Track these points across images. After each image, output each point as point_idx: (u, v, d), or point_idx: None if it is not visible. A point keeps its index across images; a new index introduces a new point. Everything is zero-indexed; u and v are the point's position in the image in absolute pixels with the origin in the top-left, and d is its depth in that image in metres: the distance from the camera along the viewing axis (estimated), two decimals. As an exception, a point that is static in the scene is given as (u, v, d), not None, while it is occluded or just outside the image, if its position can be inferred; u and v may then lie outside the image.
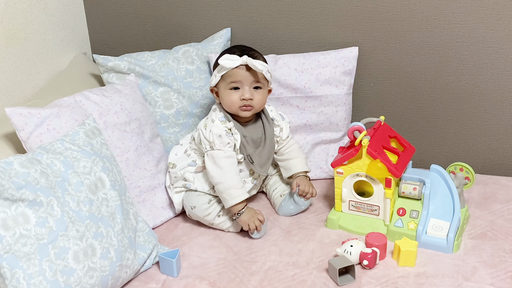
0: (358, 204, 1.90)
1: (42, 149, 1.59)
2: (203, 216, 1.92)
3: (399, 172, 1.80)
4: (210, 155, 1.87)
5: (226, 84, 1.87)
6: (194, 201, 1.93)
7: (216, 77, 1.88)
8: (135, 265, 1.69)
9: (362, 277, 1.69)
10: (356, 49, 2.15)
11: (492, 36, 2.04)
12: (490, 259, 1.73)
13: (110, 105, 1.90)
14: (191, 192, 1.95)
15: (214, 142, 1.86)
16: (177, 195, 1.97)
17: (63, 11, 2.27)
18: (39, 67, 2.14)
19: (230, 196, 1.85)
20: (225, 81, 1.87)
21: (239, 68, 1.85)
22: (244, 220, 1.85)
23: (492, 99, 2.12)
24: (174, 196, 1.97)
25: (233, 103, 1.88)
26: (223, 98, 1.89)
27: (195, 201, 1.93)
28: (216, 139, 1.86)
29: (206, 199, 1.93)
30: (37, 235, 1.44)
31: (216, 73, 1.88)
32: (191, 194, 1.94)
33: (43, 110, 1.76)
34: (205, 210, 1.91)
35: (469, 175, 1.94)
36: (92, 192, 1.60)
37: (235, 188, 1.86)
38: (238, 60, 1.83)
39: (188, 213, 1.96)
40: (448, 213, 1.81)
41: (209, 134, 1.87)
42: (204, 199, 1.93)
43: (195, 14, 2.30)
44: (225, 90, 1.88)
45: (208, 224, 1.94)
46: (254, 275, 1.72)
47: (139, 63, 2.13)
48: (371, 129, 1.89)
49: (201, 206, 1.92)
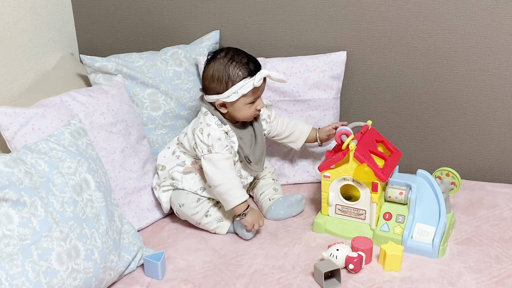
0: (345, 208, 1.90)
1: (26, 149, 1.58)
2: (190, 214, 1.91)
3: (385, 176, 1.81)
4: (208, 159, 1.85)
5: (248, 100, 1.85)
6: (183, 199, 1.92)
7: (238, 94, 1.83)
8: (119, 267, 1.67)
9: (347, 281, 1.68)
10: (345, 53, 2.15)
11: (480, 42, 2.05)
12: (475, 265, 1.74)
13: (96, 106, 1.89)
14: (180, 191, 1.94)
15: (213, 146, 1.85)
16: (165, 194, 1.96)
17: (51, 11, 2.26)
18: (25, 67, 2.12)
19: (233, 196, 1.84)
20: (248, 98, 1.85)
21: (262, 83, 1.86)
22: (250, 221, 1.84)
23: (479, 105, 2.13)
24: (161, 195, 1.96)
25: (250, 115, 1.89)
26: (239, 111, 1.87)
27: (184, 199, 1.92)
28: (215, 142, 1.85)
29: (195, 198, 1.92)
30: (20, 236, 1.43)
31: (237, 91, 1.82)
32: (180, 192, 1.93)
33: (29, 110, 1.74)
34: (193, 208, 1.90)
35: (455, 180, 1.95)
36: (77, 193, 1.58)
37: (237, 188, 1.85)
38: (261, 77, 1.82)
39: (176, 211, 1.95)
40: (434, 218, 1.82)
41: (207, 138, 1.85)
42: (193, 197, 1.92)
43: (184, 16, 2.30)
44: (244, 105, 1.86)
45: (195, 224, 1.93)
46: (240, 278, 1.71)
47: (126, 64, 2.11)
48: (359, 133, 1.89)
49: (189, 204, 1.90)
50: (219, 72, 1.84)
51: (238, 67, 1.84)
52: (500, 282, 1.67)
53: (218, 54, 1.88)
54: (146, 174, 2.00)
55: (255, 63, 1.87)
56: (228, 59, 1.85)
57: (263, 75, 1.83)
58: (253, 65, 1.86)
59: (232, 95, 1.84)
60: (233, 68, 1.83)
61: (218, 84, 1.85)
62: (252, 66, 1.85)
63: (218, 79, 1.84)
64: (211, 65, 1.87)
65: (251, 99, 1.86)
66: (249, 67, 1.84)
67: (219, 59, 1.86)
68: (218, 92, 1.86)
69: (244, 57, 1.86)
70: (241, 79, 1.83)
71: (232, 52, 1.87)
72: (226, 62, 1.84)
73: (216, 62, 1.86)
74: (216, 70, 1.85)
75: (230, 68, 1.83)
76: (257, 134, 1.95)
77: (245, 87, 1.83)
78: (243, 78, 1.83)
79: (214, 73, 1.85)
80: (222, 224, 1.91)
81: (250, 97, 1.85)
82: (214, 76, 1.85)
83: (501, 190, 2.10)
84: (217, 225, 1.91)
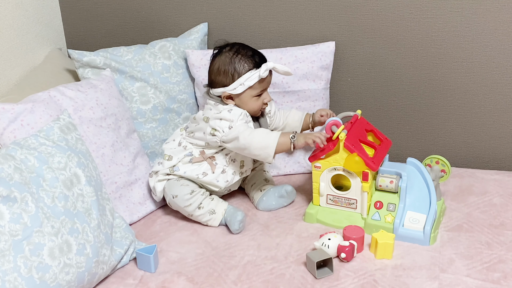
0: (336, 198, 1.90)
1: (16, 145, 1.57)
2: (183, 206, 1.91)
3: (376, 165, 1.81)
4: (230, 133, 1.85)
5: (254, 92, 1.88)
6: (177, 191, 1.92)
7: (244, 85, 1.85)
8: (112, 261, 1.67)
9: (340, 270, 1.69)
10: (333, 43, 2.15)
11: (468, 30, 2.06)
12: (466, 251, 1.75)
13: (85, 100, 1.88)
14: (174, 182, 1.94)
15: (235, 121, 1.86)
16: (160, 184, 1.96)
17: (38, 6, 2.24)
18: (13, 63, 2.10)
19: (269, 141, 1.82)
20: (255, 90, 1.88)
21: (268, 75, 1.88)
22: (303, 141, 1.82)
23: (468, 93, 2.14)
24: (157, 184, 1.96)
25: (257, 108, 1.92)
26: (247, 104, 1.89)
27: (178, 190, 1.91)
28: (237, 117, 1.86)
29: (189, 190, 1.92)
30: (11, 232, 1.42)
31: (244, 82, 1.85)
32: (174, 183, 1.93)
33: (17, 106, 1.73)
34: (186, 200, 1.90)
35: (445, 167, 1.96)
36: (67, 187, 1.58)
37: (266, 134, 1.84)
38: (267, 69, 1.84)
39: (169, 202, 1.95)
40: (424, 206, 1.83)
41: (228, 113, 1.87)
42: (187, 189, 1.92)
43: (171, 9, 2.29)
44: (250, 98, 1.88)
45: (187, 215, 1.94)
46: (233, 270, 1.72)
47: (115, 58, 2.11)
48: (348, 123, 1.89)
49: (183, 196, 1.90)
50: (225, 65, 1.87)
51: (243, 59, 1.87)
52: (491, 267, 1.68)
53: (223, 48, 1.91)
54: (137, 167, 2.00)
55: (261, 56, 1.91)
56: (233, 52, 1.88)
57: (269, 66, 1.86)
58: (258, 57, 1.89)
59: (238, 87, 1.86)
60: (238, 60, 1.87)
61: (224, 77, 1.87)
62: (258, 59, 1.89)
63: (224, 72, 1.87)
64: (217, 59, 1.90)
65: (258, 91, 1.88)
66: (255, 59, 1.87)
67: (225, 52, 1.89)
68: (224, 84, 1.88)
69: (250, 50, 1.90)
70: (247, 70, 1.86)
71: (237, 46, 1.90)
72: (231, 55, 1.87)
73: (222, 56, 1.89)
74: (222, 63, 1.88)
75: (236, 60, 1.87)
76: (262, 126, 1.97)
77: (251, 78, 1.85)
78: (249, 70, 1.86)
79: (220, 67, 1.88)
80: (214, 216, 1.91)
81: (257, 89, 1.88)
82: (220, 69, 1.88)
83: (490, 176, 2.11)
84: (209, 217, 1.91)
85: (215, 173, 1.94)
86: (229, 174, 1.96)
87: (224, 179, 1.95)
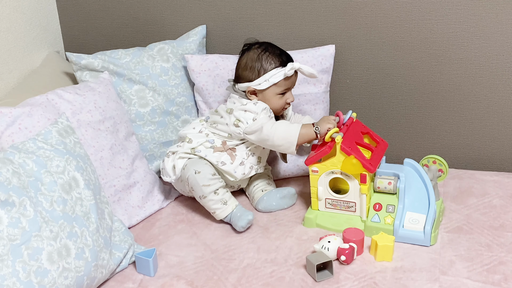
0: (335, 202, 1.90)
1: (14, 149, 1.56)
2: (202, 184, 1.90)
3: (373, 167, 1.81)
4: (253, 124, 1.89)
5: (278, 90, 1.92)
6: (201, 167, 1.91)
7: (269, 81, 1.90)
8: (111, 265, 1.66)
9: (340, 272, 1.69)
10: (333, 47, 2.15)
11: (467, 32, 2.06)
12: (466, 253, 1.74)
13: (83, 104, 1.88)
14: (199, 159, 1.94)
15: (259, 113, 1.89)
16: (180, 161, 1.96)
17: (35, 9, 2.24)
18: (10, 66, 2.10)
19: (294, 129, 1.86)
20: (279, 87, 1.92)
21: (293, 75, 1.92)
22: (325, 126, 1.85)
23: (467, 94, 2.14)
24: (177, 161, 1.96)
25: (280, 107, 1.96)
26: (270, 101, 1.93)
27: (202, 167, 1.91)
28: (261, 110, 1.90)
29: (212, 171, 1.92)
30: (9, 236, 1.41)
31: (269, 79, 1.90)
32: (198, 160, 1.94)
33: (15, 109, 1.73)
34: (208, 180, 1.90)
35: (442, 167, 1.95)
36: (66, 191, 1.57)
37: (288, 123, 1.89)
38: (292, 68, 1.88)
39: (187, 178, 1.92)
40: (423, 206, 1.82)
41: (254, 106, 1.90)
42: (211, 169, 1.92)
43: (170, 11, 2.28)
44: (274, 95, 1.93)
45: (198, 197, 1.93)
46: (232, 273, 1.71)
47: (113, 60, 2.10)
48: (344, 126, 1.89)
49: (206, 174, 1.90)
50: (252, 60, 1.93)
51: (271, 56, 1.93)
52: (491, 269, 1.68)
53: (253, 45, 1.97)
54: (135, 171, 1.99)
55: (288, 56, 1.96)
56: (262, 49, 1.94)
57: (295, 66, 1.90)
58: (285, 56, 1.94)
59: (263, 82, 1.91)
60: (266, 57, 1.92)
61: (250, 72, 1.92)
62: (285, 58, 1.94)
63: (251, 67, 1.92)
64: (245, 55, 1.96)
65: (282, 89, 1.92)
66: (282, 58, 1.93)
67: (254, 49, 1.96)
68: (250, 79, 1.93)
69: (278, 49, 1.96)
70: (273, 68, 1.91)
71: (266, 44, 1.97)
72: (260, 52, 1.94)
73: (250, 52, 1.95)
74: (250, 59, 1.93)
75: (263, 57, 1.92)
76: None
77: (277, 75, 1.89)
78: (275, 67, 1.91)
79: (247, 62, 1.94)
80: (224, 207, 1.90)
81: (281, 87, 1.92)
82: (247, 65, 1.93)
83: (490, 178, 2.11)
84: (219, 206, 1.91)
85: (233, 164, 1.95)
86: (246, 167, 1.97)
87: (242, 171, 1.96)
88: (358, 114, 2.24)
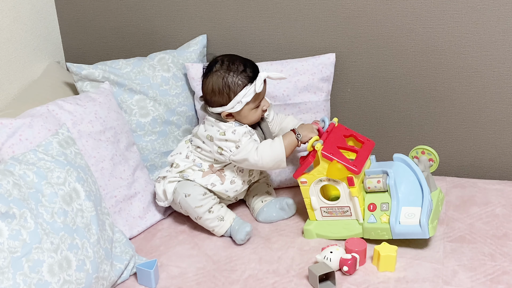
0: (330, 209, 1.88)
1: (14, 160, 1.56)
2: (194, 206, 1.89)
3: (358, 168, 1.79)
4: (238, 153, 1.85)
5: (253, 105, 1.87)
6: (190, 190, 1.90)
7: (242, 103, 1.84)
8: (112, 276, 1.65)
9: (342, 283, 1.68)
10: (333, 55, 2.14)
11: (468, 40, 2.05)
12: (469, 263, 1.73)
13: (84, 114, 1.87)
14: (188, 181, 1.93)
15: (240, 140, 1.85)
16: (170, 185, 1.94)
17: (36, 19, 2.24)
18: (11, 77, 2.10)
19: (277, 149, 1.84)
20: (253, 103, 1.86)
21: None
22: (306, 134, 1.85)
23: (469, 103, 2.14)
24: (167, 186, 1.94)
25: (258, 117, 1.91)
26: (247, 117, 1.88)
27: (191, 190, 1.90)
28: (242, 137, 1.85)
29: (202, 191, 1.91)
30: (10, 248, 1.40)
31: (241, 100, 1.83)
32: (187, 183, 1.92)
33: (15, 120, 1.72)
34: (199, 200, 1.89)
35: (432, 156, 1.93)
36: (67, 203, 1.57)
37: (271, 144, 1.85)
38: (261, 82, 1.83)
39: (179, 202, 1.92)
40: (418, 199, 1.80)
41: (233, 135, 1.85)
42: (200, 190, 1.90)
43: (170, 21, 2.28)
44: (249, 111, 1.87)
45: (194, 218, 1.92)
46: (234, 284, 1.70)
47: (113, 71, 2.10)
48: (325, 133, 1.88)
49: (196, 195, 1.89)
50: (218, 85, 1.84)
51: (236, 76, 1.84)
52: (495, 279, 1.67)
53: (213, 66, 1.88)
54: (136, 181, 1.99)
55: (252, 67, 1.87)
56: (224, 70, 1.85)
57: (263, 78, 1.83)
58: (250, 70, 1.86)
59: (236, 105, 1.84)
60: (231, 78, 1.83)
61: (220, 97, 1.85)
62: (250, 72, 1.85)
63: (219, 92, 1.85)
64: (209, 79, 1.87)
65: (256, 103, 1.87)
66: (247, 74, 1.85)
67: (216, 71, 1.86)
68: (221, 104, 1.87)
69: (240, 64, 1.86)
70: (242, 88, 1.83)
71: (227, 62, 1.86)
72: (223, 73, 1.84)
73: (213, 76, 1.86)
74: (216, 84, 1.85)
75: (229, 79, 1.84)
76: (266, 135, 1.96)
77: (248, 94, 1.83)
78: (243, 86, 1.84)
79: (214, 87, 1.85)
80: (222, 223, 1.90)
81: (255, 102, 1.87)
82: (214, 90, 1.85)
83: (492, 186, 2.10)
84: (217, 224, 1.90)
85: (224, 184, 1.93)
86: (238, 184, 1.96)
87: (234, 189, 1.95)
88: (359, 122, 2.24)
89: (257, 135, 1.92)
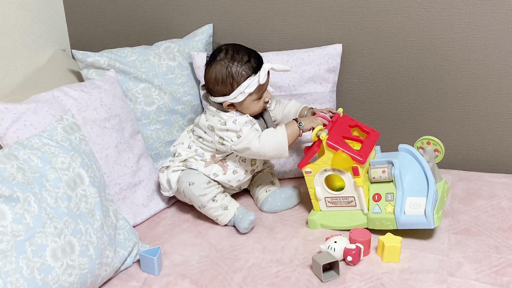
0: (334, 199, 1.87)
1: (19, 145, 1.56)
2: (198, 195, 1.88)
3: (363, 158, 1.78)
4: (239, 143, 1.84)
5: (255, 96, 1.85)
6: (194, 178, 1.89)
7: (244, 93, 1.82)
8: (115, 263, 1.65)
9: (346, 273, 1.67)
10: (340, 46, 2.13)
11: (476, 32, 2.04)
12: (474, 255, 1.72)
13: (89, 101, 1.87)
14: (192, 170, 1.92)
15: (242, 130, 1.84)
16: (174, 174, 1.93)
17: (41, 6, 2.23)
18: (16, 63, 2.09)
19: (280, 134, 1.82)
20: (256, 94, 1.85)
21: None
22: (309, 123, 1.84)
23: (475, 95, 2.12)
24: (171, 175, 1.93)
25: (260, 109, 1.89)
26: (249, 108, 1.86)
27: (195, 178, 1.89)
28: (243, 126, 1.84)
29: (206, 179, 1.90)
30: (13, 232, 1.40)
31: (244, 90, 1.81)
32: (191, 171, 1.92)
33: (20, 106, 1.72)
34: (203, 189, 1.88)
35: (438, 147, 1.91)
36: (71, 188, 1.56)
37: (273, 131, 1.84)
38: (265, 74, 1.81)
39: (183, 190, 1.91)
40: (423, 189, 1.78)
41: (234, 124, 1.84)
42: (204, 178, 1.90)
43: (176, 10, 2.28)
44: (252, 102, 1.86)
45: (198, 207, 1.91)
46: (237, 272, 1.70)
47: (119, 59, 2.09)
48: (330, 123, 1.87)
49: (200, 184, 1.88)
50: (222, 74, 1.83)
51: (240, 66, 1.82)
52: (500, 271, 1.66)
53: (217, 55, 1.86)
54: (141, 169, 1.98)
55: (257, 57, 1.86)
56: (228, 59, 1.83)
57: (267, 69, 1.82)
58: (255, 61, 1.84)
59: (239, 95, 1.83)
60: (235, 68, 1.82)
61: (223, 86, 1.84)
62: (254, 63, 1.83)
63: (222, 81, 1.83)
64: (212, 68, 1.85)
65: (258, 95, 1.86)
66: (252, 64, 1.83)
67: (220, 61, 1.84)
68: (224, 94, 1.85)
69: (245, 54, 1.84)
70: (246, 78, 1.82)
71: (231, 51, 1.84)
72: (227, 63, 1.83)
73: (217, 64, 1.84)
74: (219, 73, 1.83)
75: (233, 69, 1.82)
76: (268, 124, 1.95)
77: (251, 85, 1.82)
78: (247, 77, 1.82)
79: (217, 76, 1.84)
80: (226, 212, 1.89)
81: (258, 93, 1.85)
82: (217, 79, 1.84)
83: (498, 180, 2.09)
84: (221, 213, 1.89)
85: (226, 174, 1.92)
86: (241, 174, 1.95)
87: (236, 179, 1.94)
88: (365, 114, 2.23)
89: (258, 124, 1.92)
